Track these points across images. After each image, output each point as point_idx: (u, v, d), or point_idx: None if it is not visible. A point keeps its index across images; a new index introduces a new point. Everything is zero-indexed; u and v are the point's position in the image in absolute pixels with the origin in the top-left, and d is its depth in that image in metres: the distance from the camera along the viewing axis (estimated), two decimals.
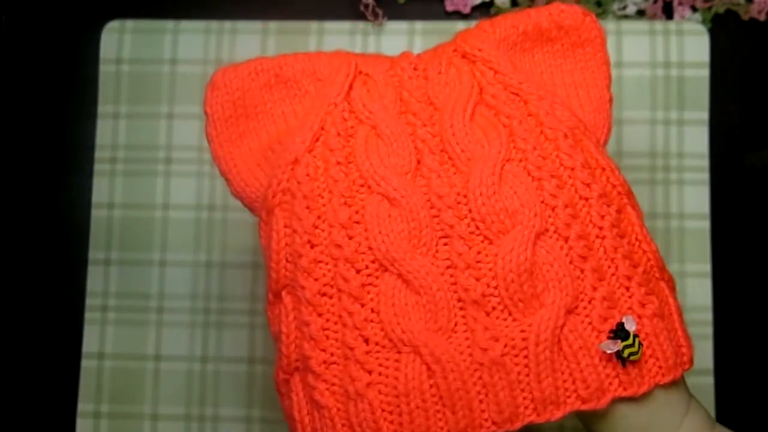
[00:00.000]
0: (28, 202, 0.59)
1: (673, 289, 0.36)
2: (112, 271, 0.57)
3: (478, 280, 0.32)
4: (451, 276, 0.33)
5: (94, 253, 0.57)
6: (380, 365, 0.32)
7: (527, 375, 0.31)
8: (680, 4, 0.58)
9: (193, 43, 0.59)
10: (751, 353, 0.56)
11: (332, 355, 0.33)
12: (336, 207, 0.34)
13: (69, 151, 0.59)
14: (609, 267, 0.33)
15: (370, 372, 0.32)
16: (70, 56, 0.60)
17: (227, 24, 0.59)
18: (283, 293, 0.35)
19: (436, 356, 0.31)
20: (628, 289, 0.33)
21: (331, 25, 0.58)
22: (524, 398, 0.31)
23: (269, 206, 0.35)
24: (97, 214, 0.58)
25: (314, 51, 0.40)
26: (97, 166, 0.58)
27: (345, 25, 0.58)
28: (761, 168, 0.57)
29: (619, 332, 0.32)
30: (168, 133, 0.58)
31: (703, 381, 0.54)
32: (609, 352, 0.31)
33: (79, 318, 0.57)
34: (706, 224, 0.56)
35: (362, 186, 0.34)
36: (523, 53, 0.37)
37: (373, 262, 0.33)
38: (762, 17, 0.58)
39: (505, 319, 0.32)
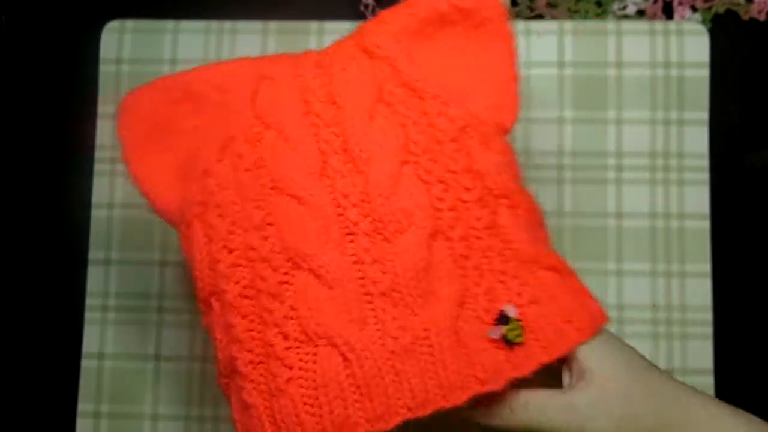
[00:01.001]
0: (28, 202, 0.59)
1: (561, 270, 0.37)
2: (112, 271, 0.57)
3: (384, 273, 0.34)
4: (359, 270, 0.34)
5: (94, 253, 0.57)
6: (300, 360, 0.33)
7: (434, 363, 0.33)
8: (680, 4, 0.58)
9: (193, 43, 0.59)
10: (751, 353, 0.56)
11: (257, 355, 0.34)
12: (249, 211, 0.35)
13: (69, 151, 0.59)
14: (486, 264, 0.36)
15: (290, 368, 0.33)
16: (70, 56, 0.60)
17: (227, 24, 0.59)
18: (212, 300, 0.36)
19: (351, 345, 0.33)
20: (503, 282, 0.36)
21: (331, 25, 0.58)
22: (433, 384, 0.33)
23: (187, 219, 0.36)
24: (97, 214, 0.58)
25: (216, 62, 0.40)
26: (97, 166, 0.58)
27: (345, 25, 0.58)
28: (761, 168, 0.57)
29: (501, 319, 0.35)
30: None
31: (703, 381, 0.54)
32: (495, 337, 0.34)
33: (79, 318, 0.57)
34: (706, 224, 0.56)
35: (272, 189, 0.35)
36: (426, 40, 0.38)
37: (287, 260, 0.34)
38: (762, 17, 0.58)
39: (409, 312, 0.34)
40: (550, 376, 0.36)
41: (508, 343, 0.34)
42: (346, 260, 0.34)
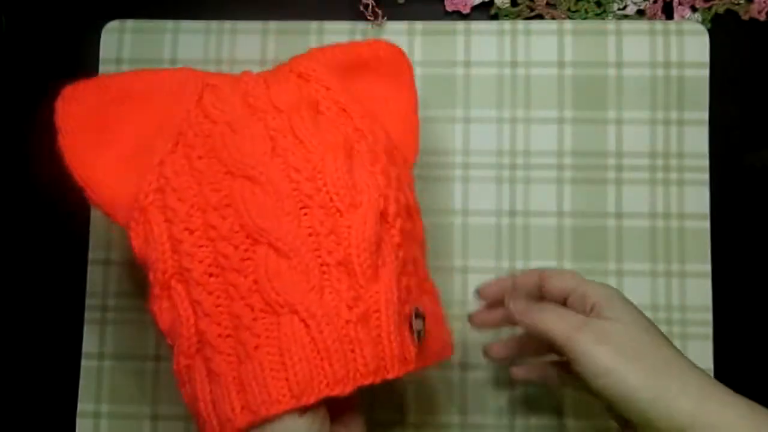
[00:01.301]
0: (27, 202, 0.59)
1: (435, 297, 0.42)
2: (112, 271, 0.57)
3: (338, 245, 0.36)
4: (314, 242, 0.36)
5: (94, 253, 0.57)
6: (265, 329, 0.35)
7: (382, 333, 0.35)
8: (680, 4, 0.58)
9: (193, 43, 0.59)
10: (751, 353, 0.56)
11: (225, 327, 0.36)
12: (206, 194, 0.36)
13: None
14: (409, 261, 0.39)
15: (258, 336, 0.35)
16: (70, 56, 0.60)
17: (227, 24, 0.59)
18: (173, 282, 0.37)
19: (312, 312, 0.35)
20: (419, 286, 0.40)
21: (331, 25, 0.58)
22: (384, 354, 0.35)
23: (142, 206, 0.38)
24: (97, 214, 0.58)
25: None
26: None
27: (345, 25, 0.58)
28: (761, 168, 0.57)
29: (417, 312, 0.37)
30: None
31: None
32: (416, 327, 0.37)
33: (79, 318, 0.57)
34: (706, 224, 0.56)
35: (226, 173, 0.37)
36: (349, 78, 0.42)
37: (246, 237, 0.36)
38: (762, 17, 0.58)
39: (362, 284, 0.36)
40: None
41: (419, 337, 0.37)
42: (302, 232, 0.36)
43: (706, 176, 0.56)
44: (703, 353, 0.54)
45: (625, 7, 0.58)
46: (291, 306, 0.35)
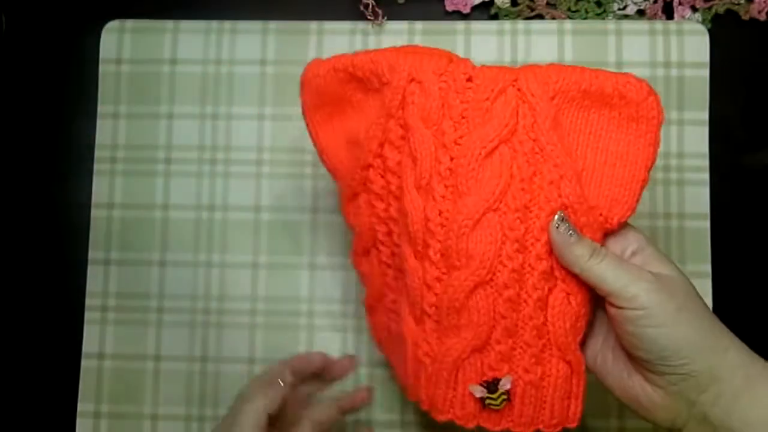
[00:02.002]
0: (27, 202, 0.59)
1: (575, 370, 0.41)
2: (112, 271, 0.57)
3: (435, 296, 0.40)
4: (422, 284, 0.41)
5: (94, 253, 0.57)
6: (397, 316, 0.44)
7: (432, 381, 0.41)
8: (680, 4, 0.58)
9: (193, 43, 0.59)
10: None
11: (391, 303, 0.45)
12: (389, 202, 0.43)
13: (69, 151, 0.59)
14: (520, 329, 0.40)
15: (396, 322, 0.45)
16: (70, 56, 0.60)
17: (227, 24, 0.59)
18: (372, 250, 0.45)
19: (405, 337, 0.42)
20: (523, 353, 0.40)
21: (331, 25, 0.58)
22: (427, 399, 0.41)
23: (355, 192, 0.44)
24: (97, 214, 0.58)
25: (392, 48, 0.45)
26: (97, 166, 0.58)
27: (345, 25, 0.58)
28: (761, 168, 0.57)
29: (491, 385, 0.40)
30: (168, 133, 0.58)
31: None
32: (475, 395, 0.40)
33: (79, 318, 0.57)
34: (706, 224, 0.56)
35: (398, 192, 0.42)
36: (580, 109, 0.40)
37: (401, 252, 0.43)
38: (762, 17, 0.58)
39: (439, 336, 0.40)
40: None
41: (482, 403, 0.40)
42: (419, 271, 0.41)
43: (706, 176, 0.56)
44: None
45: (625, 7, 0.58)
46: (403, 336, 0.42)
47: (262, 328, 0.56)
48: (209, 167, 0.58)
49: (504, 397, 0.39)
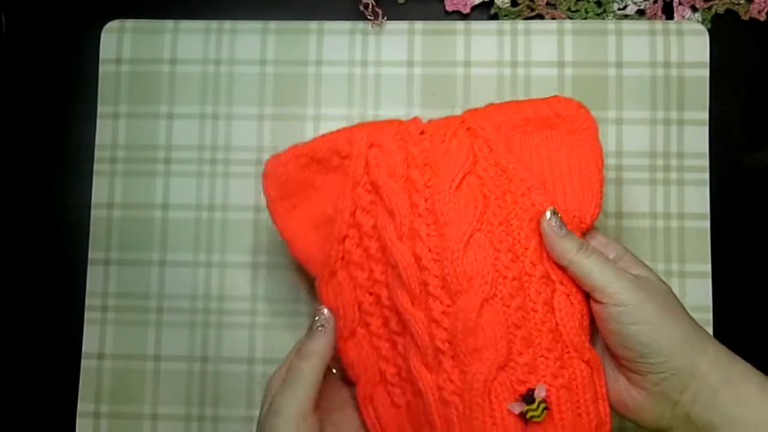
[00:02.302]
0: (27, 202, 0.59)
1: (594, 367, 0.42)
2: (112, 271, 0.57)
3: (444, 331, 0.41)
4: (430, 324, 0.41)
5: (94, 253, 0.57)
6: (403, 387, 0.44)
7: (464, 416, 0.39)
8: (680, 4, 0.58)
9: (193, 43, 0.59)
10: (751, 353, 0.56)
11: (398, 369, 0.44)
12: (372, 266, 0.44)
13: (69, 151, 0.59)
14: (536, 337, 0.40)
15: (404, 393, 0.43)
16: (70, 56, 0.60)
17: (227, 24, 0.59)
18: (358, 329, 0.44)
19: (421, 387, 0.41)
20: (546, 360, 0.40)
21: (331, 25, 0.58)
22: (475, 427, 0.39)
23: (332, 270, 0.45)
24: (97, 214, 0.58)
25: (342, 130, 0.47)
26: (97, 166, 0.58)
27: (345, 25, 0.58)
28: (761, 168, 0.57)
29: (527, 397, 0.39)
30: (168, 133, 0.58)
31: None
32: (514, 411, 0.39)
33: (79, 318, 0.57)
34: (706, 224, 0.56)
35: (382, 252, 0.44)
36: (525, 135, 0.44)
37: (396, 310, 0.43)
38: (762, 17, 0.58)
39: (459, 368, 0.40)
40: None
41: (524, 418, 0.39)
42: (425, 315, 0.41)
43: (706, 176, 0.56)
44: None
45: (625, 7, 0.58)
46: (411, 376, 0.42)
47: (262, 328, 0.56)
48: (209, 167, 0.58)
49: (543, 405, 0.39)
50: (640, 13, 0.58)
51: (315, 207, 0.46)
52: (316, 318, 0.44)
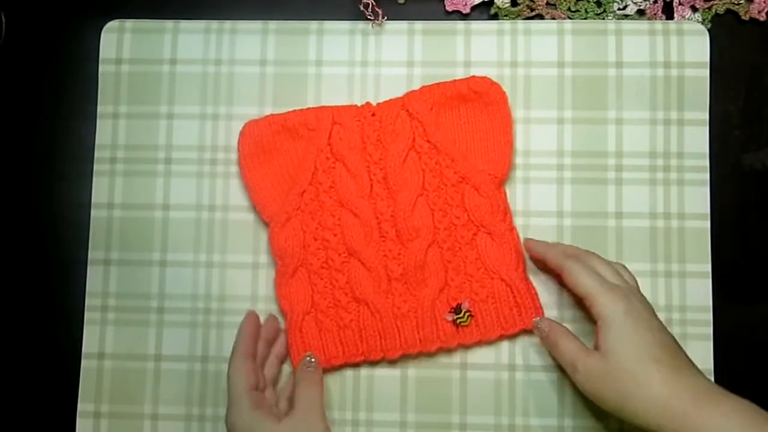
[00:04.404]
0: (28, 202, 0.59)
1: (511, 285, 0.54)
2: (112, 271, 0.57)
3: (399, 265, 0.55)
4: (386, 262, 0.55)
5: (94, 253, 0.57)
6: (351, 312, 0.55)
7: (417, 326, 0.55)
8: (680, 4, 0.58)
9: (193, 43, 0.59)
10: (751, 353, 0.56)
11: (329, 303, 0.56)
12: (326, 217, 0.56)
13: (69, 151, 0.59)
14: (462, 267, 0.55)
15: (349, 314, 0.55)
16: (70, 56, 0.60)
17: (227, 24, 0.59)
18: (299, 269, 0.56)
19: (377, 308, 0.55)
20: (470, 283, 0.55)
21: (331, 25, 0.58)
22: (416, 337, 0.54)
23: (287, 216, 0.56)
24: (97, 214, 0.58)
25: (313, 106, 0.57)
26: (97, 166, 0.58)
27: (345, 25, 0.58)
28: (761, 168, 0.57)
29: (456, 309, 0.55)
30: (168, 133, 0.58)
31: None
32: (448, 320, 0.55)
33: (79, 318, 0.57)
34: (706, 224, 0.56)
35: (339, 204, 0.56)
36: (452, 109, 0.56)
37: (345, 250, 0.56)
38: (762, 17, 0.58)
39: (411, 292, 0.55)
40: None
41: (455, 324, 0.54)
42: (379, 254, 0.55)
43: (706, 176, 0.56)
44: (703, 353, 0.54)
45: (625, 7, 0.58)
46: (367, 302, 0.55)
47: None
48: (209, 167, 0.58)
49: (468, 313, 0.54)
50: (640, 13, 0.58)
51: (278, 166, 0.56)
52: (306, 361, 0.53)
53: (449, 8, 0.59)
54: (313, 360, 0.53)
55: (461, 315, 0.54)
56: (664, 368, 0.45)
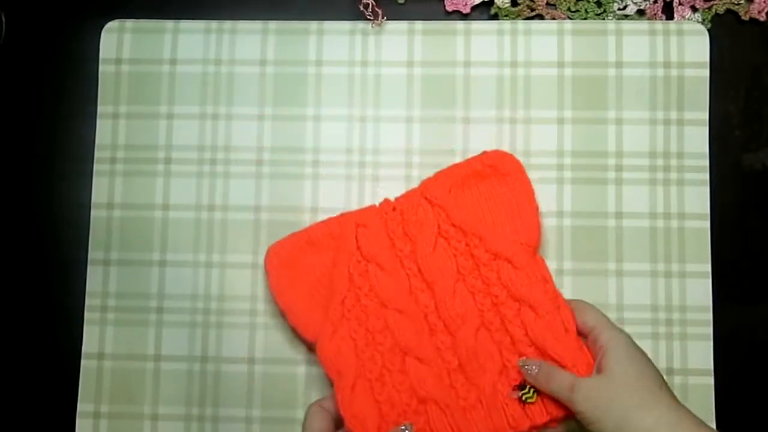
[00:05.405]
0: (28, 202, 0.59)
1: (568, 349, 0.50)
2: (112, 271, 0.57)
3: (453, 356, 0.52)
4: (441, 354, 0.52)
5: (94, 253, 0.57)
6: (421, 413, 0.52)
7: (487, 414, 0.51)
8: (680, 4, 0.58)
9: (193, 43, 0.59)
10: (751, 353, 0.56)
11: (397, 413, 0.52)
12: (372, 321, 0.53)
13: (69, 151, 0.59)
14: (514, 347, 0.52)
15: (420, 416, 0.51)
16: (70, 56, 0.60)
17: (227, 24, 0.59)
18: (357, 382, 0.52)
19: (446, 403, 0.51)
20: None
21: (330, 25, 0.58)
22: (489, 427, 0.51)
23: (333, 328, 0.53)
24: (97, 214, 0.58)
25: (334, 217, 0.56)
26: (97, 166, 0.58)
27: (345, 25, 0.58)
28: (761, 168, 0.57)
29: (521, 386, 0.51)
30: (168, 133, 0.58)
31: (703, 381, 0.54)
32: (514, 398, 0.51)
33: (79, 318, 0.57)
34: (706, 224, 0.56)
35: (381, 306, 0.53)
36: (470, 188, 0.55)
37: (400, 351, 0.52)
38: (762, 17, 0.58)
39: (471, 382, 0.52)
40: None
41: (522, 402, 0.51)
42: (433, 348, 0.52)
43: (706, 176, 0.56)
44: (703, 353, 0.54)
45: (625, 7, 0.58)
46: (433, 399, 0.51)
47: (262, 328, 0.56)
48: (209, 167, 0.58)
49: (534, 390, 0.50)
50: (640, 13, 0.58)
51: (310, 282, 0.55)
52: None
53: (449, 8, 0.59)
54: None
55: (527, 390, 0.51)
56: (669, 393, 0.46)
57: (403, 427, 0.50)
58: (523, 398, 0.51)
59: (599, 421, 0.46)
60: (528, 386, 0.51)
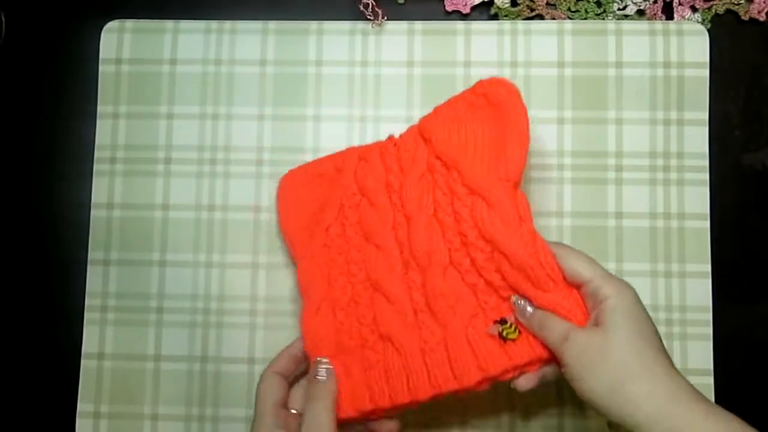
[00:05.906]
0: (28, 202, 0.59)
1: (547, 289, 0.46)
2: (112, 271, 0.57)
3: (422, 296, 0.49)
4: (409, 293, 0.50)
5: (94, 253, 0.57)
6: (378, 351, 0.50)
7: (449, 358, 0.47)
8: (680, 4, 0.58)
9: (193, 43, 0.59)
10: (751, 353, 0.56)
11: (356, 342, 0.50)
12: (352, 252, 0.52)
13: (69, 151, 0.59)
14: (491, 289, 0.48)
15: (376, 353, 0.50)
16: (70, 56, 0.60)
17: (227, 24, 0.59)
18: (323, 304, 0.51)
19: (401, 343, 0.49)
20: (507, 302, 0.48)
21: (330, 26, 0.58)
22: (448, 373, 0.47)
23: (313, 253, 0.53)
24: (97, 214, 0.58)
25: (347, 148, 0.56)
26: (97, 166, 0.58)
27: (345, 25, 0.58)
28: (761, 168, 0.57)
29: (501, 321, 0.47)
30: (168, 133, 0.58)
31: (703, 381, 0.54)
32: (493, 333, 0.47)
33: (79, 318, 0.57)
34: (706, 224, 0.56)
35: (365, 239, 0.52)
36: (462, 121, 0.52)
37: (371, 285, 0.51)
38: (762, 17, 0.58)
39: (439, 323, 0.49)
40: None
41: (502, 338, 0.46)
42: (403, 287, 0.50)
43: (706, 176, 0.56)
44: (703, 353, 0.54)
45: (625, 7, 0.58)
46: (391, 337, 0.49)
47: (262, 328, 0.56)
48: (209, 167, 0.58)
49: (515, 326, 0.46)
50: (640, 13, 0.58)
51: (311, 210, 0.55)
52: (318, 371, 0.49)
53: (449, 8, 0.59)
54: (324, 368, 0.48)
55: (508, 325, 0.46)
56: (667, 358, 0.42)
57: (319, 364, 0.49)
58: (504, 333, 0.46)
59: (585, 380, 0.42)
60: (510, 322, 0.46)
